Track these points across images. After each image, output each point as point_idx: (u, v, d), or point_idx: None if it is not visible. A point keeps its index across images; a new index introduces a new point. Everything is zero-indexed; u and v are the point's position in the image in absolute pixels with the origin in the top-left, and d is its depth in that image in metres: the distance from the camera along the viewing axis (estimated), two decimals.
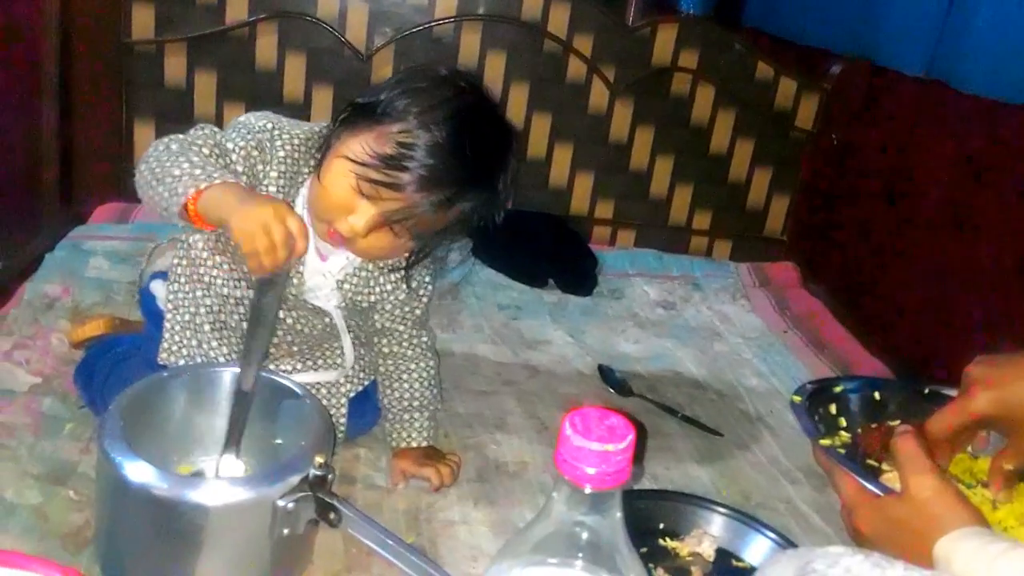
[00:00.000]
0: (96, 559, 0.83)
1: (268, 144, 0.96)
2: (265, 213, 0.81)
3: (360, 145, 0.89)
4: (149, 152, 0.92)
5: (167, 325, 1.04)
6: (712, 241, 2.00)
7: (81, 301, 1.32)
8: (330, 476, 0.80)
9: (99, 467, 0.80)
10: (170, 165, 0.88)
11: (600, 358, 1.44)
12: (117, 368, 1.06)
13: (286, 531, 0.78)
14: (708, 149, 1.93)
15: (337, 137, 0.92)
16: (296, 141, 0.97)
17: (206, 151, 0.91)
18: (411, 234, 0.93)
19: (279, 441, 0.93)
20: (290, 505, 0.77)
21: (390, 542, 0.77)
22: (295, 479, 0.78)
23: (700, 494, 1.05)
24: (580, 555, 0.51)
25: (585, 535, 0.50)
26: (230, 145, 0.94)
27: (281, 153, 0.96)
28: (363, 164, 0.88)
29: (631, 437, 0.48)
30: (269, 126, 0.97)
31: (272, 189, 0.96)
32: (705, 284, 1.82)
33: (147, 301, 1.12)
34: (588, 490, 0.48)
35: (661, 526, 0.97)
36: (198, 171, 0.86)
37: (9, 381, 1.09)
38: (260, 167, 0.95)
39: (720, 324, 1.66)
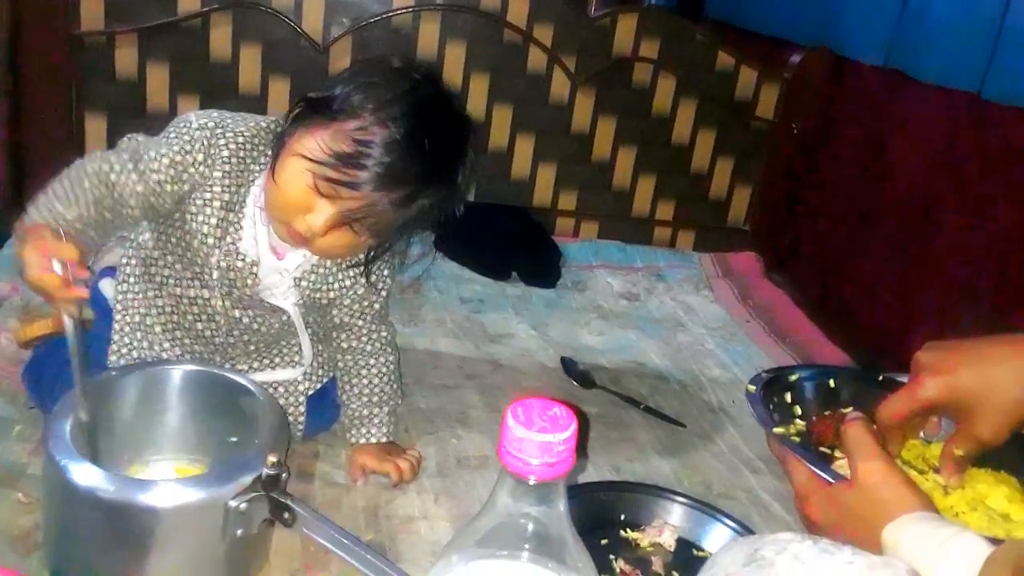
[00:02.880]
0: (45, 563, 0.80)
1: (209, 144, 0.92)
2: (27, 250, 0.82)
3: (316, 143, 0.87)
4: (71, 166, 0.93)
5: (116, 327, 1.02)
6: (675, 232, 2.01)
7: (31, 299, 1.28)
8: (284, 475, 0.78)
9: (46, 470, 0.77)
10: (50, 188, 0.92)
11: (563, 351, 1.44)
12: (66, 368, 1.03)
13: (240, 531, 0.77)
14: (670, 139, 1.94)
15: (291, 134, 0.90)
16: (241, 139, 0.94)
17: (91, 188, 0.91)
18: (371, 231, 0.91)
19: (234, 439, 0.91)
20: (243, 505, 0.76)
21: (345, 541, 0.76)
22: (248, 479, 0.77)
23: (662, 485, 1.05)
24: (527, 547, 0.51)
25: (531, 527, 0.50)
26: (152, 154, 0.91)
27: (225, 153, 0.93)
28: (320, 163, 0.86)
29: (573, 426, 0.47)
30: (211, 124, 0.93)
31: (217, 189, 0.93)
32: (669, 275, 1.83)
33: (96, 299, 1.09)
34: (532, 481, 0.48)
35: (622, 517, 0.97)
36: (44, 205, 0.90)
37: None
38: (198, 169, 0.92)
39: (683, 315, 1.67)
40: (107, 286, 1.07)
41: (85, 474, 0.73)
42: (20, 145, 1.65)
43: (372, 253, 1.01)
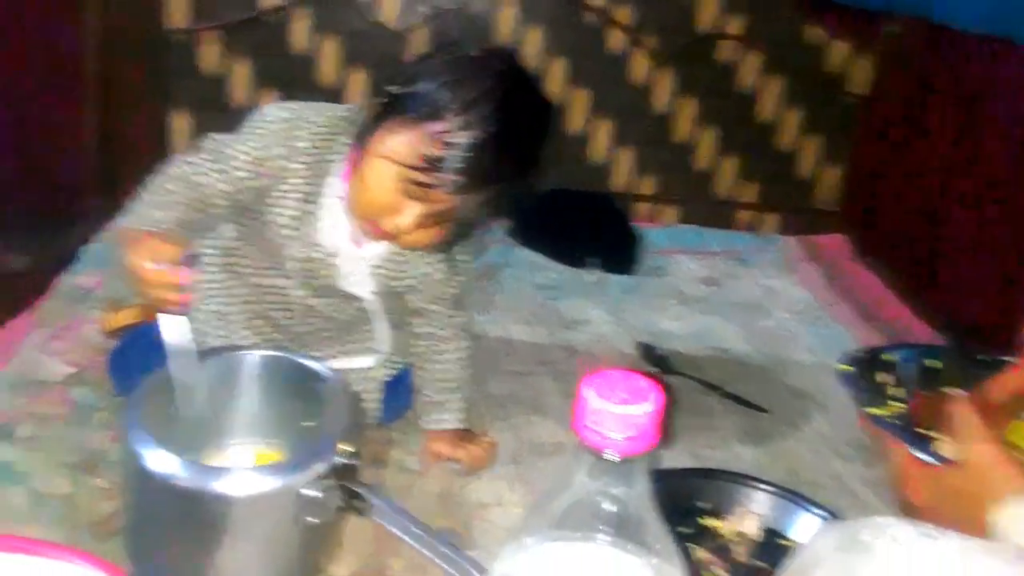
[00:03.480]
0: (124, 548, 0.82)
1: (288, 137, 0.93)
2: (134, 257, 0.83)
3: (402, 145, 0.85)
4: (159, 172, 0.95)
5: (196, 315, 1.03)
6: (759, 214, 1.93)
7: (115, 291, 1.32)
8: (357, 463, 0.78)
9: (123, 456, 0.79)
10: (142, 195, 0.94)
11: (640, 337, 1.40)
12: (149, 356, 1.05)
13: (313, 519, 0.76)
14: (755, 119, 1.86)
15: (374, 132, 0.88)
16: (318, 130, 0.94)
17: (178, 191, 0.92)
18: (456, 224, 0.91)
19: (310, 423, 0.91)
20: (316, 494, 0.75)
21: (418, 531, 0.75)
22: (321, 467, 0.76)
23: (744, 472, 1.01)
24: (604, 529, 0.48)
25: (610, 507, 0.47)
26: (232, 152, 0.92)
27: (303, 144, 0.93)
28: (408, 167, 0.85)
29: (657, 398, 0.44)
30: (289, 117, 0.94)
31: (296, 181, 0.93)
32: (750, 259, 1.76)
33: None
34: (611, 456, 0.45)
35: (703, 505, 0.94)
36: (140, 210, 0.92)
37: (43, 372, 1.10)
38: (278, 163, 0.92)
39: (766, 299, 1.60)
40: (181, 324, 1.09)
41: (160, 461, 0.74)
42: (110, 142, 1.70)
43: (453, 240, 1.00)
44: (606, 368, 0.46)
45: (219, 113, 1.69)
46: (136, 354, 1.07)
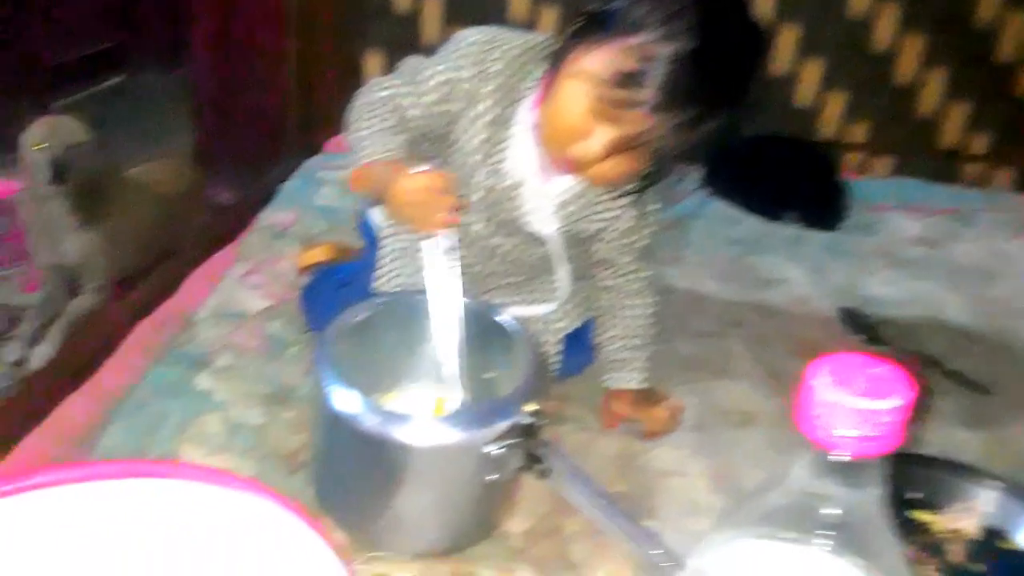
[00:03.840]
0: (310, 482, 0.83)
1: (481, 59, 0.90)
2: (414, 185, 0.82)
3: (597, 62, 0.80)
4: (356, 100, 0.93)
5: (382, 252, 1.03)
6: (990, 169, 1.71)
7: (310, 228, 1.36)
8: (541, 424, 0.74)
9: (313, 392, 0.79)
10: (355, 128, 0.91)
11: (845, 300, 1.28)
12: (338, 293, 1.07)
13: (492, 477, 0.74)
14: (992, 58, 1.64)
15: (568, 54, 0.84)
16: (513, 54, 0.91)
17: (388, 116, 0.90)
18: (651, 156, 0.84)
19: (491, 375, 0.89)
20: (497, 452, 0.73)
21: (599, 500, 0.70)
22: (503, 425, 0.73)
23: (965, 461, 0.89)
24: (822, 533, 0.42)
25: (831, 510, 0.41)
26: (427, 74, 0.90)
27: (498, 67, 0.90)
28: (600, 83, 0.79)
29: (907, 391, 0.37)
30: (484, 39, 0.91)
31: (488, 103, 0.90)
32: (978, 218, 1.57)
33: (367, 228, 1.12)
34: (840, 457, 0.38)
35: (914, 495, 0.84)
36: (366, 144, 0.88)
37: (242, 304, 1.14)
38: (470, 83, 0.90)
39: (996, 264, 1.43)
40: (376, 214, 1.09)
41: (347, 401, 0.74)
42: (307, 84, 1.75)
43: (644, 182, 0.93)
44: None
45: (411, 51, 1.67)
46: (327, 291, 1.09)
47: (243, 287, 1.18)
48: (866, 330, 1.19)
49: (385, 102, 0.91)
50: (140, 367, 1.00)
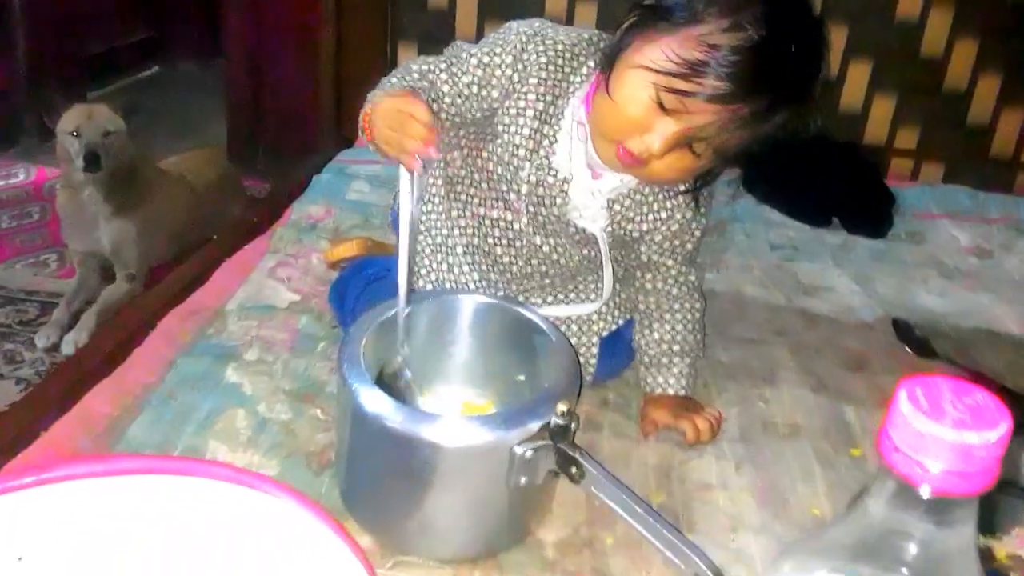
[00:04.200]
0: (336, 482, 0.81)
1: (522, 49, 0.87)
2: (392, 103, 0.78)
3: (660, 51, 0.76)
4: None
5: (418, 247, 1.00)
6: None
7: (341, 222, 1.33)
8: (573, 426, 0.71)
9: (339, 391, 0.77)
10: (379, 86, 0.89)
11: (893, 310, 1.23)
12: (367, 290, 1.04)
13: (523, 480, 0.71)
14: None
15: (626, 45, 0.80)
16: (560, 47, 0.88)
17: (417, 81, 0.87)
18: (713, 153, 0.80)
19: (521, 377, 0.85)
20: (528, 453, 0.70)
21: (637, 508, 0.67)
22: (535, 426, 0.70)
23: None
24: (901, 570, 0.37)
25: (913, 548, 0.36)
26: (464, 55, 0.89)
27: (542, 59, 0.87)
28: (665, 73, 0.76)
29: (1006, 426, 0.33)
30: (529, 32, 0.88)
31: (532, 98, 0.87)
32: None
33: (399, 223, 1.09)
34: (926, 493, 0.34)
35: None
36: (378, 91, 0.86)
37: (271, 297, 1.12)
38: (506, 72, 0.87)
39: None
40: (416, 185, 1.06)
41: (374, 400, 0.71)
42: (343, 76, 1.73)
43: (700, 182, 0.89)
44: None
45: (445, 46, 1.65)
46: (356, 287, 1.06)
47: (273, 280, 1.16)
48: (918, 345, 1.14)
49: (420, 72, 0.89)
50: (168, 358, 0.98)
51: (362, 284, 1.06)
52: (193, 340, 1.01)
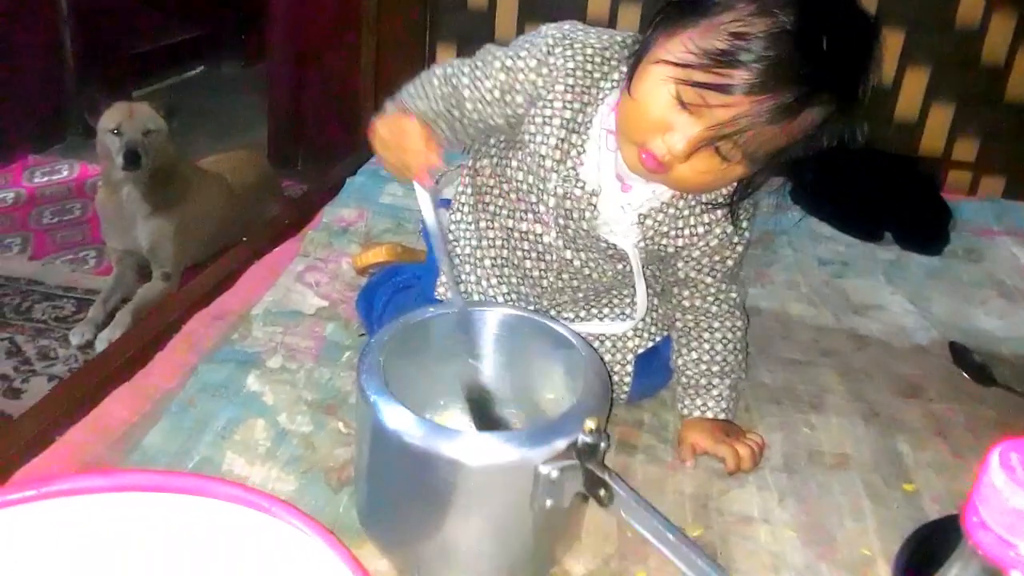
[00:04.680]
0: (354, 501, 0.77)
1: (548, 53, 0.82)
2: (384, 127, 0.79)
3: (681, 44, 0.72)
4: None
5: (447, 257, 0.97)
6: None
7: (373, 227, 1.30)
8: (603, 445, 0.66)
9: (357, 404, 0.73)
10: (402, 92, 0.89)
11: (950, 333, 1.16)
12: (395, 298, 1.01)
13: (550, 502, 0.67)
14: None
15: (651, 43, 0.76)
16: (590, 51, 0.83)
17: (441, 87, 0.86)
18: (743, 155, 0.74)
19: (551, 396, 0.81)
20: (554, 473, 0.65)
21: (670, 536, 0.62)
22: (562, 444, 0.66)
23: None
24: None
25: None
26: (490, 58, 0.84)
27: (570, 64, 0.82)
28: (685, 65, 0.71)
29: None
30: (557, 35, 0.83)
31: (558, 105, 0.83)
32: None
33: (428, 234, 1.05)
34: None
35: None
36: (389, 103, 0.86)
37: (298, 303, 1.09)
38: (529, 77, 0.83)
39: None
40: (442, 217, 1.03)
41: (393, 414, 0.67)
42: (382, 77, 1.71)
43: (739, 192, 0.84)
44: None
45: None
46: (385, 294, 1.03)
47: (301, 284, 1.13)
48: (976, 369, 1.07)
49: (444, 76, 0.86)
50: (190, 363, 0.96)
51: (390, 291, 1.03)
52: (216, 345, 0.99)
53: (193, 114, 2.76)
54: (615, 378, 0.94)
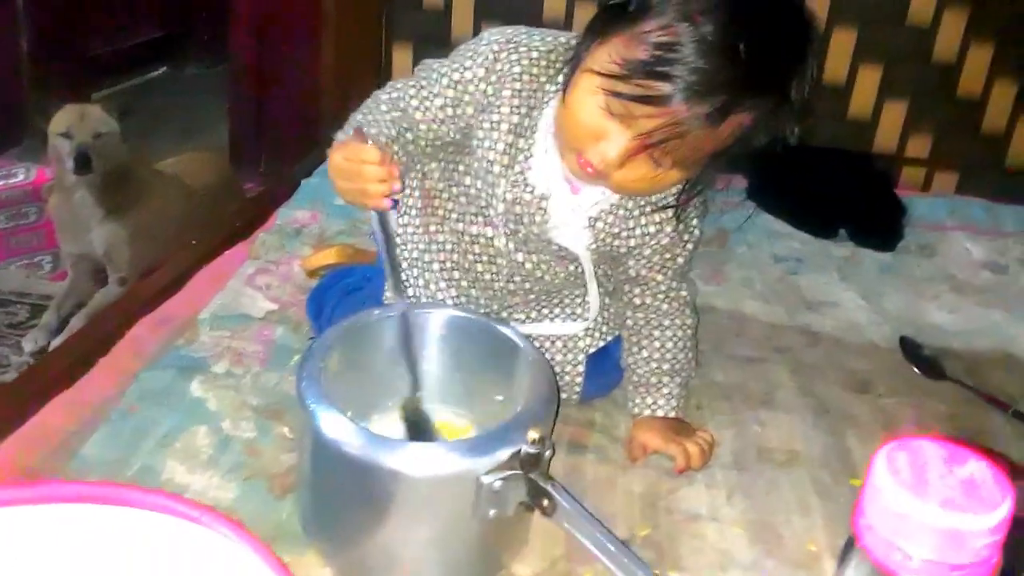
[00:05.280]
0: (296, 508, 0.76)
1: (495, 60, 0.82)
2: (339, 155, 0.75)
3: (607, 54, 0.71)
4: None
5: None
6: None
7: (327, 228, 1.29)
8: (547, 454, 0.66)
9: (298, 411, 0.72)
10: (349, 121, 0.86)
11: (902, 328, 1.17)
12: (345, 300, 1.00)
13: (493, 512, 0.66)
14: None
15: (585, 49, 0.76)
16: (535, 55, 0.82)
17: (389, 111, 0.84)
18: (675, 161, 0.74)
19: (499, 397, 0.80)
20: (497, 484, 0.65)
21: (611, 547, 0.62)
22: (504, 454, 0.65)
23: None
24: None
25: None
26: (435, 76, 0.84)
27: (516, 69, 0.82)
28: (611, 76, 0.70)
29: (1007, 505, 0.27)
30: (501, 40, 0.83)
31: (505, 111, 0.82)
32: None
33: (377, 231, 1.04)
34: None
35: None
36: (339, 133, 0.83)
37: (247, 306, 1.07)
38: (479, 87, 0.82)
39: None
40: (390, 218, 1.01)
41: (333, 423, 0.66)
42: (342, 78, 1.69)
43: (684, 194, 0.84)
44: (918, 433, 0.29)
45: (440, 47, 1.61)
46: (334, 297, 1.02)
47: (251, 287, 1.11)
48: (926, 363, 1.08)
49: (391, 101, 0.85)
50: (132, 370, 0.93)
51: (340, 294, 1.02)
52: (161, 351, 0.97)
53: (155, 116, 2.73)
54: (567, 378, 0.94)
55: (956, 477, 0.27)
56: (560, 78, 0.81)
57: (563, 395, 0.93)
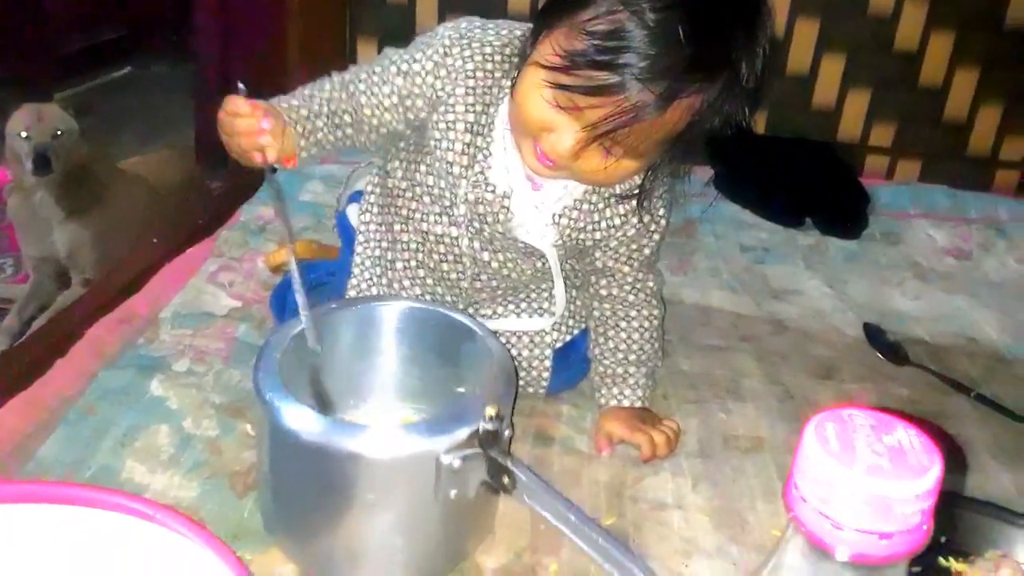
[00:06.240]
0: (258, 506, 0.75)
1: (445, 54, 0.81)
2: (220, 110, 0.76)
3: (550, 46, 0.71)
4: None
5: (356, 259, 0.95)
6: None
7: (292, 224, 1.27)
8: (506, 432, 0.65)
9: (255, 405, 0.71)
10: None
11: (866, 315, 1.18)
12: (308, 296, 0.98)
13: (453, 492, 0.66)
14: None
15: (531, 43, 0.75)
16: (489, 50, 0.81)
17: (330, 84, 0.85)
18: (628, 150, 0.73)
19: (461, 389, 0.80)
20: (456, 462, 0.64)
21: (573, 519, 0.61)
22: (463, 433, 0.65)
23: (1000, 501, 0.78)
24: None
25: None
26: (387, 63, 0.83)
27: (469, 65, 0.81)
28: (554, 69, 0.70)
29: (936, 471, 0.27)
30: (454, 36, 0.82)
31: (460, 109, 0.81)
32: (1013, 230, 1.46)
33: (343, 226, 1.03)
34: (842, 556, 0.28)
35: (943, 540, 0.73)
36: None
37: (210, 304, 1.05)
38: (427, 80, 0.81)
39: None
40: (353, 213, 1.00)
41: (291, 413, 0.66)
42: (309, 73, 1.67)
43: (646, 183, 0.83)
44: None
45: (404, 40, 1.60)
46: (293, 293, 1.00)
47: (213, 285, 1.09)
48: (889, 349, 1.09)
49: (341, 82, 0.84)
50: (91, 370, 0.92)
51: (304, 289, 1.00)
52: (120, 351, 0.95)
53: (120, 115, 2.69)
54: (534, 373, 0.93)
55: (884, 444, 0.27)
56: (515, 73, 0.81)
57: (530, 390, 0.93)
